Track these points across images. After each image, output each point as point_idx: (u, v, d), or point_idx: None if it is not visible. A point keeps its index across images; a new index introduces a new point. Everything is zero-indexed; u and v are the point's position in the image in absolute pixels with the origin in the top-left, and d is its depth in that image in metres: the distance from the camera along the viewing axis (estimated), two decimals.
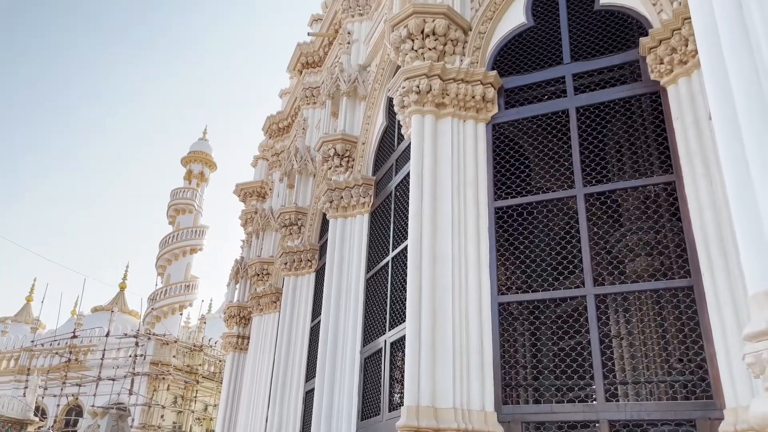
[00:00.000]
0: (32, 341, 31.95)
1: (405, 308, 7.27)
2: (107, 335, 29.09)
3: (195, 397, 30.11)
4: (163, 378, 28.70)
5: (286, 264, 12.54)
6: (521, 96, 7.47)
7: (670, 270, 6.75)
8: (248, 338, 16.51)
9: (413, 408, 5.98)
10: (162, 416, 28.03)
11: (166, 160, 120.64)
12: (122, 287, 38.94)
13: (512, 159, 7.18)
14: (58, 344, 30.61)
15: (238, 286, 18.37)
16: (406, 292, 7.38)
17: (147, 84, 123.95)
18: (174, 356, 29.58)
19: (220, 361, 31.63)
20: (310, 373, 10.97)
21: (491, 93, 7.24)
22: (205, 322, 35.41)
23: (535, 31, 7.62)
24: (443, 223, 6.78)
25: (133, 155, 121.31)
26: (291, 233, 12.92)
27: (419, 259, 6.67)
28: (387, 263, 8.61)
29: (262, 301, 14.95)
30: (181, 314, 34.47)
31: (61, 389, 28.58)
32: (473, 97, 7.18)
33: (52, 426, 26.65)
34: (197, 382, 30.28)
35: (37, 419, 21.99)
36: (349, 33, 11.54)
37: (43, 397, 26.23)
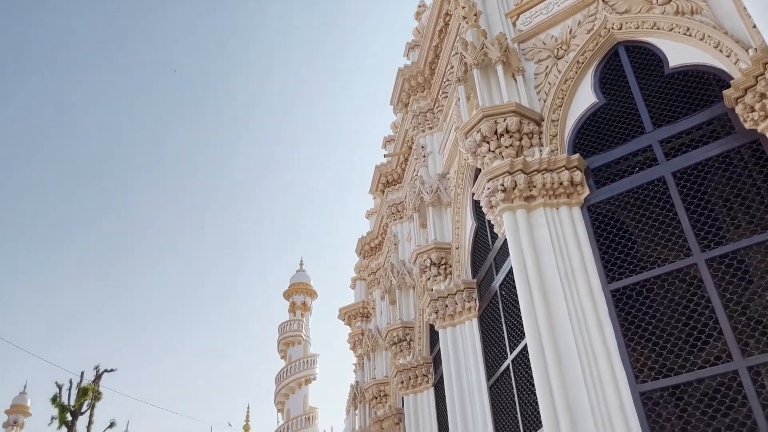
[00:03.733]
0: None
1: (537, 411, 6.86)
2: None
3: None
4: None
5: (402, 383, 12.31)
6: (610, 172, 7.32)
7: None
8: None
9: None
10: None
11: (267, 294, 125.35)
12: (246, 429, 39.40)
13: (616, 237, 6.92)
14: None
15: (357, 411, 18.10)
16: (533, 394, 7.00)
17: (247, 223, 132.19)
18: None
19: None
20: None
21: (578, 176, 7.15)
22: None
23: (609, 107, 7.59)
24: (559, 317, 6.50)
25: (236, 296, 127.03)
26: (401, 350, 12.79)
27: (542, 358, 6.37)
28: (507, 366, 8.26)
29: (385, 424, 14.59)
30: None
31: None
32: (561, 184, 7.11)
33: None
34: None
35: None
36: (422, 147, 11.97)
37: None
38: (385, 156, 14.90)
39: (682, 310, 6.67)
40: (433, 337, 12.03)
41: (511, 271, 7.60)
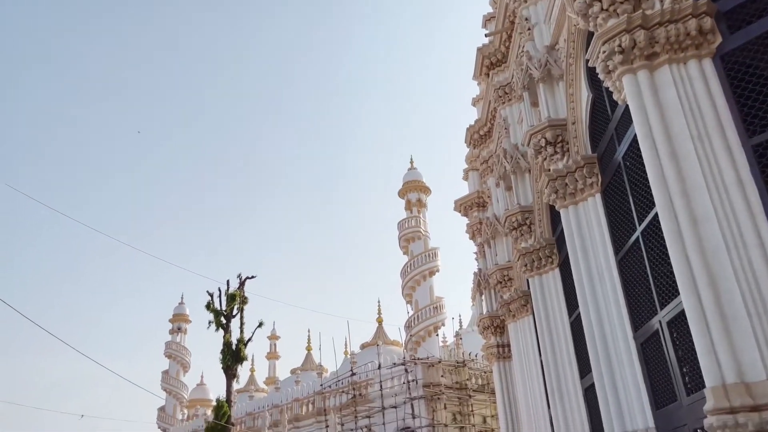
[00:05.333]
0: (321, 385, 35.91)
1: (672, 281, 6.64)
2: (379, 368, 31.46)
3: (471, 411, 30.88)
4: (438, 398, 30.00)
5: (526, 266, 12.35)
6: (745, 14, 6.43)
7: None
8: (508, 346, 16.53)
9: (719, 388, 5.36)
10: None
11: (384, 195, 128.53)
12: (379, 321, 42.01)
13: (756, 87, 6.18)
14: (342, 383, 33.93)
15: (483, 297, 18.60)
16: (666, 264, 6.75)
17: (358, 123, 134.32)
18: (442, 376, 30.80)
19: (485, 372, 32.12)
20: (583, 369, 10.54)
21: (708, 23, 6.36)
22: (460, 338, 36.40)
23: None
24: (692, 181, 6.07)
25: (357, 199, 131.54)
26: (522, 234, 12.72)
27: (676, 227, 6.05)
28: (637, 239, 7.97)
29: (512, 307, 14.89)
30: (436, 335, 35.86)
31: (356, 423, 31.53)
32: (688, 35, 6.38)
33: None
34: (469, 396, 31.07)
35: None
36: (526, 20, 11.17)
37: None
38: (486, 36, 14.11)
39: None
40: (554, 218, 11.81)
41: (635, 140, 7.14)
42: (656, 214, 6.64)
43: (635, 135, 6.88)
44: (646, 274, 7.77)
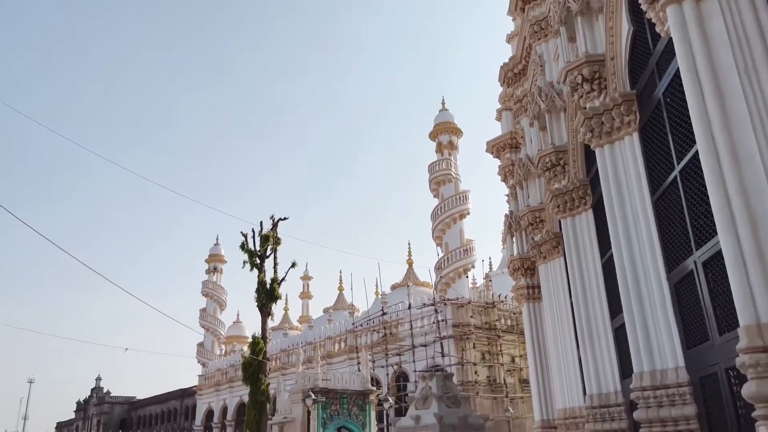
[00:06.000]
0: (353, 324, 36.82)
1: (710, 223, 6.50)
2: (409, 308, 32.03)
3: (500, 351, 31.40)
4: (467, 338, 30.54)
5: (558, 207, 12.21)
6: None
7: None
8: (538, 287, 16.57)
9: (753, 327, 5.32)
10: (476, 372, 29.88)
11: (416, 137, 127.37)
12: (410, 263, 42.47)
13: None
14: (373, 322, 34.73)
15: (514, 239, 18.55)
16: (705, 203, 6.60)
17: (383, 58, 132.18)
18: (471, 316, 31.23)
19: (514, 313, 32.44)
20: (614, 309, 10.54)
21: None
22: (490, 280, 36.62)
23: None
24: (737, 117, 5.83)
25: (386, 141, 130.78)
26: (555, 175, 12.52)
27: (717, 165, 5.88)
28: (675, 178, 7.78)
29: (543, 248, 14.84)
30: (466, 277, 36.15)
31: (386, 360, 32.43)
32: None
33: (388, 392, 30.39)
34: (498, 336, 31.53)
35: (374, 389, 25.28)
36: None
37: (373, 369, 30.05)
38: None
39: None
40: (589, 158, 11.57)
41: (677, 75, 6.86)
42: (696, 152, 6.46)
43: (677, 69, 6.61)
44: (683, 215, 7.63)
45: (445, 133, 39.12)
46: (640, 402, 8.17)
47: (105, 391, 77.37)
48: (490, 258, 47.05)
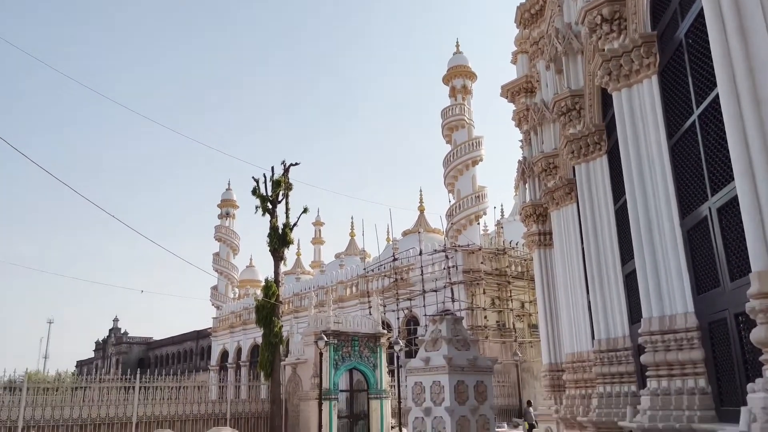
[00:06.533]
0: (364, 269, 37.28)
1: (727, 169, 6.40)
2: (420, 254, 32.29)
3: (510, 296, 31.77)
4: (477, 283, 30.87)
5: (573, 152, 12.05)
6: None
7: None
8: (549, 234, 16.57)
9: (765, 273, 5.31)
10: (485, 317, 30.35)
11: (429, 80, 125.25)
12: (421, 209, 42.56)
13: None
14: (384, 268, 35.14)
15: (527, 185, 18.43)
16: (723, 149, 6.48)
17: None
18: (482, 262, 31.47)
19: (524, 260, 32.64)
20: (625, 255, 10.54)
21: None
22: (502, 227, 36.72)
23: None
24: (761, 59, 5.64)
25: (398, 86, 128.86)
26: (570, 120, 12.30)
27: (738, 109, 5.73)
28: (693, 122, 7.62)
29: (556, 195, 14.75)
30: (478, 224, 36.26)
31: (397, 304, 32.97)
32: None
33: (398, 335, 31.05)
34: (508, 282, 31.84)
35: (385, 332, 25.80)
36: None
37: (384, 313, 30.59)
38: None
39: None
40: (606, 102, 11.33)
41: (700, 14, 6.62)
42: (716, 96, 6.30)
43: (701, 9, 6.36)
44: (700, 160, 7.50)
45: (459, 77, 38.46)
46: (648, 346, 8.27)
47: (123, 331, 79.76)
48: (502, 205, 47.13)
